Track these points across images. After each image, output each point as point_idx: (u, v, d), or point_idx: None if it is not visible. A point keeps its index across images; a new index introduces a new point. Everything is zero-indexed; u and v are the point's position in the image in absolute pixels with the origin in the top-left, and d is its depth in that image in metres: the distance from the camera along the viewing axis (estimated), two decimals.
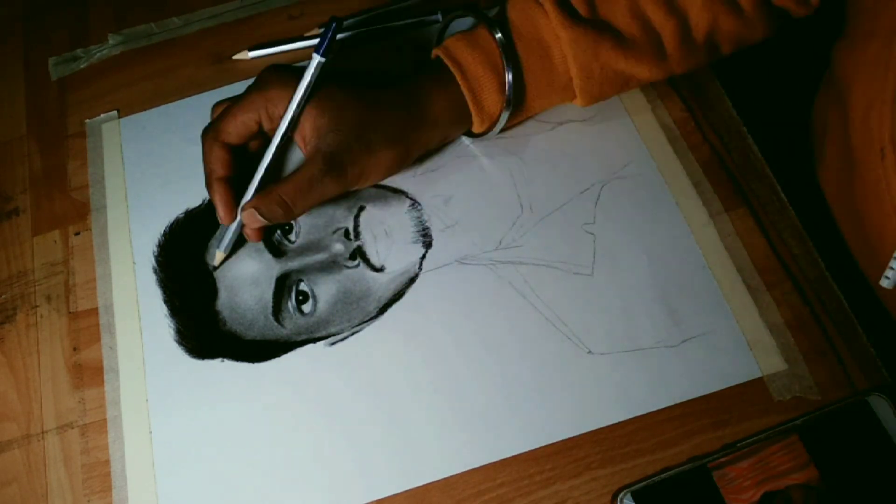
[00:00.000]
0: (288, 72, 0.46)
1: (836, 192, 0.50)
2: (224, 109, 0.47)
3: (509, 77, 0.45)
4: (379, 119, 0.45)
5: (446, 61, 0.46)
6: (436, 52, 0.48)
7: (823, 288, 0.45)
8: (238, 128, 0.46)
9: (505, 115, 0.47)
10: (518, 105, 0.48)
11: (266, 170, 0.47)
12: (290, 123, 0.45)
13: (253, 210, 0.45)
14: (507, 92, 0.46)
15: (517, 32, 0.46)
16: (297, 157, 0.51)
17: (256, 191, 0.47)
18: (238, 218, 0.47)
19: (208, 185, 0.47)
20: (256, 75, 0.47)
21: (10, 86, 0.61)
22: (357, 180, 0.46)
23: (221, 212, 0.47)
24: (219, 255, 0.49)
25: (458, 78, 0.46)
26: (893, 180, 0.42)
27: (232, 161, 0.47)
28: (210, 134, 0.47)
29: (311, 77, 0.44)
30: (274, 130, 0.47)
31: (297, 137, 0.47)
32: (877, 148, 0.43)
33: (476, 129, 0.49)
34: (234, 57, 0.57)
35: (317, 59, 0.44)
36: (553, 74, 0.47)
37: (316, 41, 0.49)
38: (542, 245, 0.48)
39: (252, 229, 0.47)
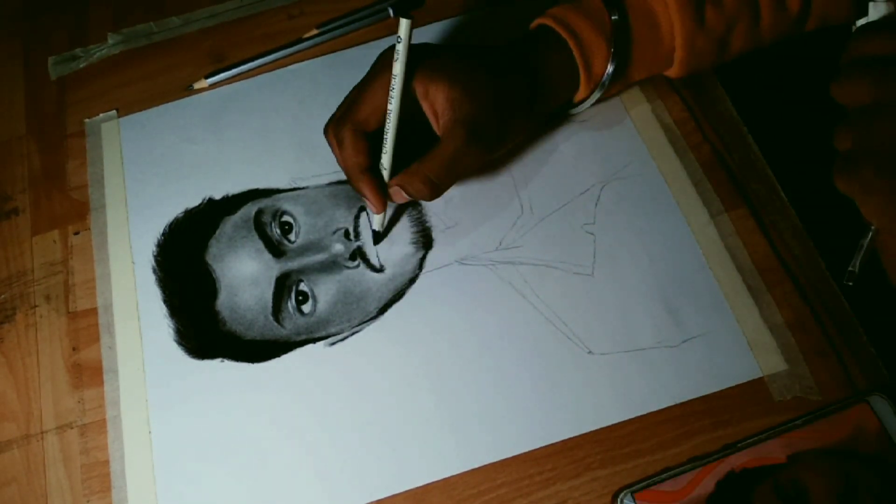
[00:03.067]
0: (413, 48, 0.45)
1: None
2: (349, 99, 0.46)
3: (614, 17, 0.45)
4: (509, 84, 0.45)
5: (557, 28, 0.46)
6: (540, 20, 0.47)
7: (824, 288, 0.45)
8: (375, 112, 0.45)
9: (610, 70, 0.47)
10: (620, 74, 0.47)
11: (394, 144, 0.45)
12: (401, 89, 0.43)
13: (398, 188, 0.45)
14: (610, 62, 0.46)
15: (627, 1, 0.46)
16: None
17: (393, 167, 0.45)
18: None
19: (354, 180, 0.46)
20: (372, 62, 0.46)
21: (9, 85, 0.61)
22: (497, 148, 0.46)
23: (375, 203, 0.46)
24: (372, 250, 0.49)
25: (571, 43, 0.45)
26: None
27: (370, 151, 0.46)
28: (346, 126, 0.45)
29: (407, 39, 0.42)
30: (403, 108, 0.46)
31: (428, 111, 0.45)
32: None
33: (582, 93, 0.48)
34: (195, 86, 0.57)
35: (405, 22, 0.42)
36: (658, 45, 0.46)
37: (270, 57, 0.54)
38: (542, 245, 0.48)
39: (398, 202, 0.47)
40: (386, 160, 0.46)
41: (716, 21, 0.45)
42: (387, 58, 0.45)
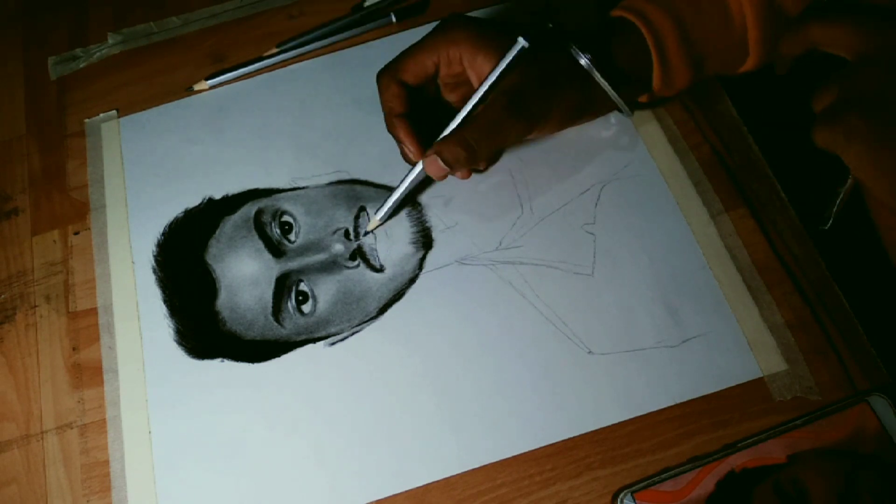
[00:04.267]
0: (471, 19, 0.46)
1: None
2: (404, 53, 0.47)
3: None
4: (558, 61, 0.45)
5: (628, 15, 0.45)
6: (615, 12, 0.46)
7: (824, 288, 0.45)
8: (416, 67, 0.46)
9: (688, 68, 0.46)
10: (697, 62, 0.46)
11: (464, 119, 0.45)
12: (486, 90, 0.44)
13: (435, 156, 0.45)
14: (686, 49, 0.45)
15: None
16: None
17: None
18: (403, 186, 0.47)
19: (389, 124, 0.47)
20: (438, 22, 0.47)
21: (9, 85, 0.61)
22: (539, 124, 0.45)
23: (411, 147, 0.46)
24: (374, 221, 0.49)
25: (642, 27, 0.45)
26: None
27: (409, 100, 0.46)
28: (387, 72, 0.46)
29: (510, 60, 0.44)
30: (451, 76, 0.47)
31: (474, 80, 0.45)
32: None
33: (655, 84, 0.47)
34: (195, 87, 0.57)
35: (521, 43, 0.43)
36: (730, 25, 0.45)
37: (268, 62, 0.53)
38: (542, 245, 0.48)
39: (439, 177, 0.47)
40: (445, 133, 0.46)
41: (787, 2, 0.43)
42: (448, 24, 0.46)
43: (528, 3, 0.57)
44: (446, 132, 0.46)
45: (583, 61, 0.44)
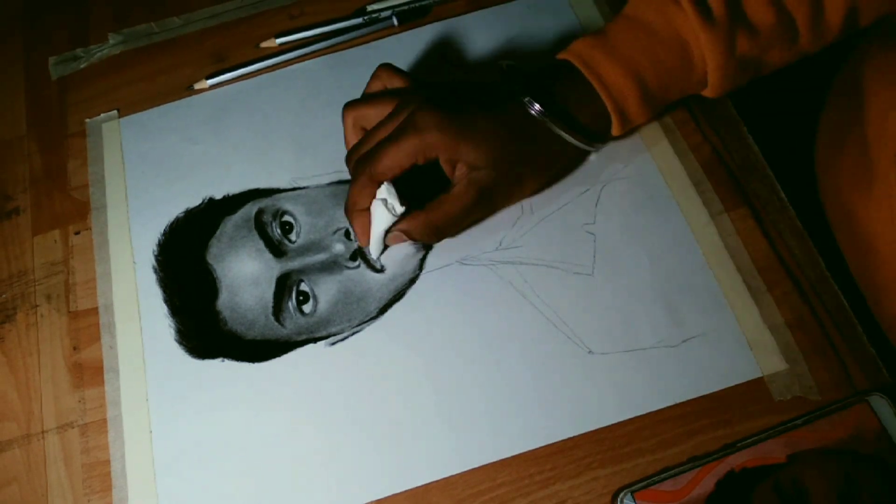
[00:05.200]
0: (439, 112, 0.44)
1: (838, 195, 0.50)
2: (381, 149, 0.44)
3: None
4: (530, 154, 0.46)
5: (585, 72, 0.45)
6: (565, 55, 0.47)
7: (824, 288, 0.45)
8: (395, 170, 0.45)
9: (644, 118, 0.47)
10: (657, 105, 0.47)
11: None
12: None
13: (400, 233, 0.46)
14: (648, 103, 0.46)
15: (654, 32, 0.45)
16: None
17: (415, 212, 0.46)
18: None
19: (350, 215, 0.47)
20: (402, 105, 0.46)
21: (10, 85, 0.61)
22: (502, 207, 0.49)
23: (362, 239, 0.47)
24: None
25: (601, 91, 0.45)
26: None
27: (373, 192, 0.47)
28: (366, 173, 0.45)
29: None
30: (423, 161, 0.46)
31: (446, 167, 0.46)
32: (891, 152, 0.43)
33: (615, 133, 0.48)
34: (195, 86, 0.57)
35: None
36: (692, 73, 0.46)
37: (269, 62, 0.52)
38: (542, 245, 0.48)
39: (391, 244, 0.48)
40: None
41: (749, 48, 0.45)
42: (418, 126, 0.44)
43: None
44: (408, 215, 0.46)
45: (534, 111, 0.45)
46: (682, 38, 0.45)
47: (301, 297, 0.48)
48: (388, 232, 0.46)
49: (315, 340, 0.47)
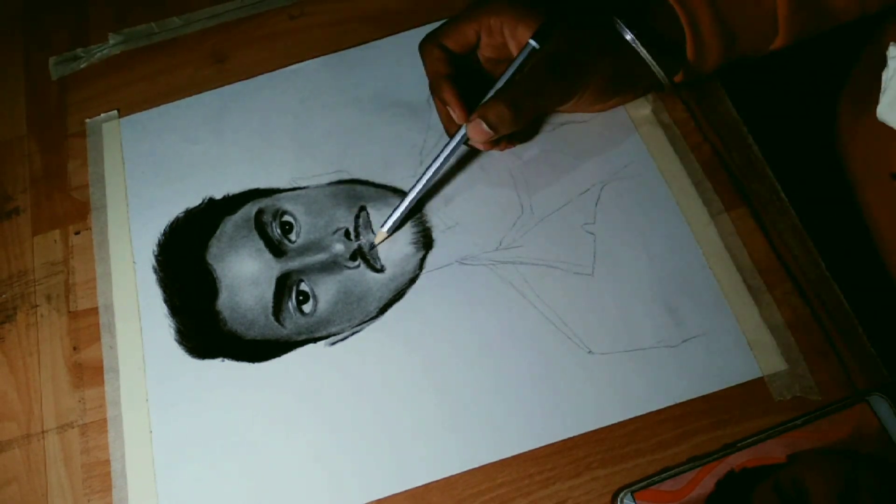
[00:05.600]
0: None
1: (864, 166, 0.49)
2: (446, 22, 0.48)
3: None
4: (597, 36, 0.45)
5: None
6: None
7: (823, 288, 0.45)
8: (458, 35, 0.47)
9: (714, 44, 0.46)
10: (728, 38, 0.46)
11: (506, 82, 0.46)
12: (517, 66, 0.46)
13: (479, 120, 0.45)
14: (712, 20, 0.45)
15: None
16: None
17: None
18: (406, 201, 0.47)
19: (435, 87, 0.47)
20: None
21: (10, 86, 0.61)
22: (577, 87, 0.46)
23: (456, 109, 0.46)
24: (380, 235, 0.49)
25: (677, 7, 0.45)
26: None
27: (451, 64, 0.47)
28: (429, 39, 0.48)
29: (521, 60, 0.45)
30: (492, 46, 0.47)
31: (514, 47, 0.46)
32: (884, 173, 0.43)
33: (690, 55, 0.47)
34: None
35: (531, 45, 0.45)
36: (759, 5, 0.45)
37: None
38: (542, 245, 0.48)
39: (482, 142, 0.47)
40: (492, 91, 0.46)
41: None
42: (488, 2, 0.46)
43: None
44: (488, 97, 0.46)
45: (628, 36, 0.45)
46: None
47: (301, 297, 0.48)
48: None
49: (315, 340, 0.47)
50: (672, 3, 0.45)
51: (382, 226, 0.49)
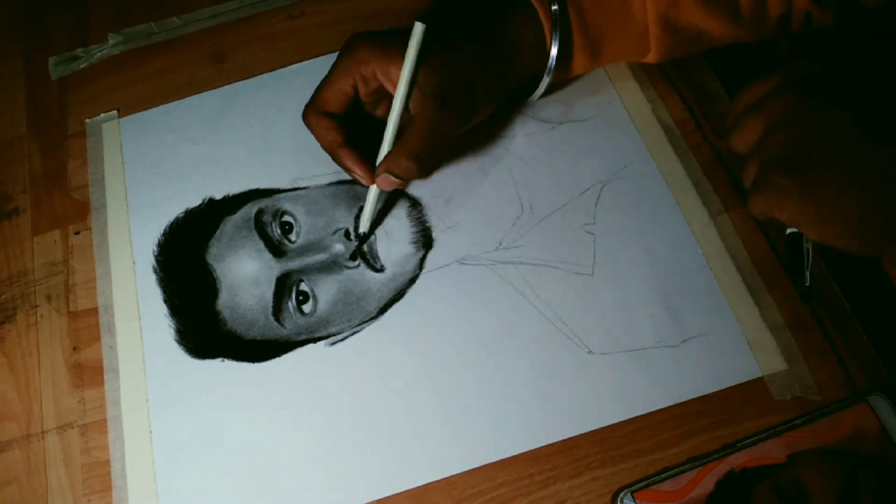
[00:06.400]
0: (372, 33, 0.46)
1: None
2: (319, 85, 0.47)
3: (555, 7, 0.45)
4: (472, 51, 0.45)
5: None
6: None
7: (823, 288, 0.45)
8: (336, 95, 0.46)
9: (554, 49, 0.46)
10: (594, 49, 0.47)
11: (395, 129, 0.46)
12: (406, 86, 0.45)
13: (386, 174, 0.45)
14: (553, 22, 0.45)
15: None
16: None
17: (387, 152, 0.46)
18: (373, 193, 0.47)
19: (334, 156, 0.47)
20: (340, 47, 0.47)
21: (10, 86, 0.61)
22: (468, 114, 0.46)
23: (359, 172, 0.47)
24: (363, 224, 0.49)
25: (543, 16, 0.45)
26: None
27: (342, 128, 0.47)
28: (311, 109, 0.47)
29: (418, 44, 0.44)
30: (371, 94, 0.47)
31: (391, 88, 0.46)
32: None
33: (550, 50, 0.47)
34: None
35: (420, 26, 0.44)
36: (629, 19, 0.46)
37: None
38: (542, 245, 0.48)
39: (392, 188, 0.47)
40: (383, 152, 0.46)
41: (691, 8, 0.45)
42: (351, 45, 0.46)
43: None
44: (385, 146, 0.46)
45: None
46: None
47: (301, 297, 0.48)
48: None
49: (315, 340, 0.47)
50: (539, 12, 0.45)
51: (360, 226, 0.49)
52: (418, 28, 0.44)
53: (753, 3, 0.46)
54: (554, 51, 0.47)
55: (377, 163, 0.47)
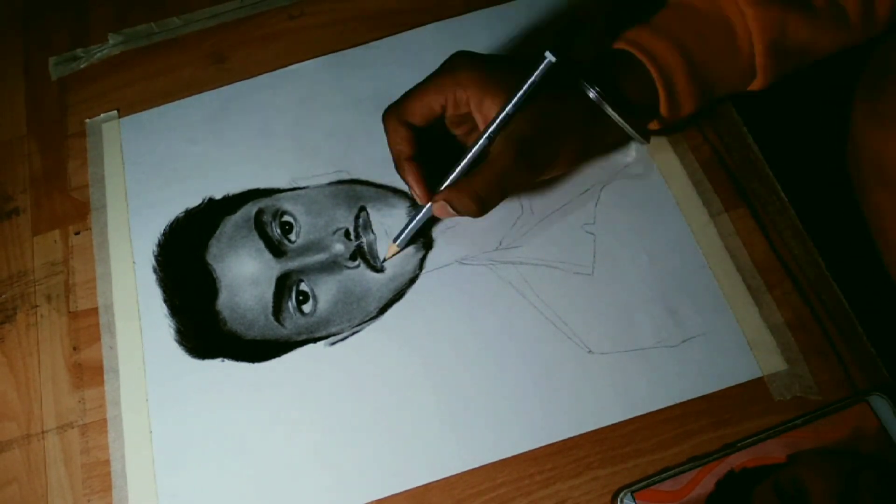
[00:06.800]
0: (478, 57, 0.45)
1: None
2: (409, 90, 0.46)
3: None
4: (566, 105, 0.44)
5: (633, 51, 0.44)
6: (617, 44, 0.46)
7: (823, 288, 0.45)
8: (423, 109, 0.45)
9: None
10: (704, 91, 0.45)
11: (470, 162, 0.45)
12: (504, 118, 0.43)
13: (444, 203, 0.44)
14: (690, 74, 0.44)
15: (698, 11, 0.44)
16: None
17: (453, 181, 0.45)
18: (420, 214, 0.47)
19: (398, 167, 0.46)
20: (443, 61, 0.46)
21: (10, 86, 0.61)
22: (547, 169, 0.45)
23: (418, 191, 0.46)
24: (392, 249, 0.48)
25: (648, 64, 0.44)
26: None
27: (416, 141, 0.46)
28: (393, 114, 0.46)
29: (538, 76, 0.43)
30: (457, 116, 0.46)
31: (480, 123, 0.45)
32: None
33: (663, 111, 0.46)
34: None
35: (549, 58, 0.42)
36: (737, 54, 0.44)
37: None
38: (542, 245, 0.48)
39: (445, 217, 0.47)
40: (454, 174, 0.45)
41: (797, 27, 0.43)
42: (455, 63, 0.45)
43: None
44: (453, 175, 0.45)
45: (592, 94, 0.44)
46: (727, 16, 0.44)
47: (301, 297, 0.48)
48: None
49: (315, 340, 0.47)
50: (644, 62, 0.44)
51: (395, 239, 0.48)
52: (546, 59, 0.42)
53: (861, 6, 0.44)
54: (664, 109, 0.45)
55: (441, 187, 0.45)
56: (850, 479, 0.39)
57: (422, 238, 0.49)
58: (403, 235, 0.47)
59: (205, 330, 0.48)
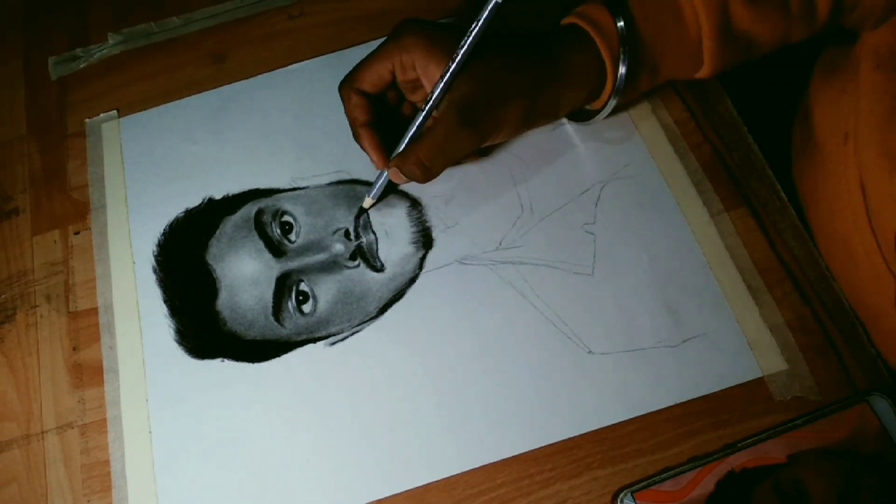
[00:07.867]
0: (424, 23, 0.46)
1: (804, 182, 0.51)
2: (360, 62, 0.47)
3: (621, 23, 0.44)
4: (511, 68, 0.44)
5: (582, 23, 0.45)
6: (568, 19, 0.46)
7: (823, 288, 0.45)
8: (372, 76, 0.46)
9: (623, 70, 0.45)
10: (653, 67, 0.46)
11: (420, 126, 0.45)
12: (451, 76, 0.43)
13: (395, 169, 0.45)
14: (620, 42, 0.44)
15: None
16: None
17: (404, 146, 0.46)
18: (382, 178, 0.48)
19: (355, 134, 0.48)
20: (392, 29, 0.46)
21: (10, 85, 0.61)
22: (490, 133, 0.45)
23: (374, 156, 0.47)
24: (368, 201, 0.49)
25: (595, 37, 0.44)
26: (852, 165, 0.43)
27: (371, 108, 0.47)
28: (346, 83, 0.47)
29: (484, 21, 0.42)
30: (408, 81, 0.47)
31: (426, 84, 0.45)
32: (841, 133, 0.44)
33: (608, 91, 0.46)
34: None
35: (493, 2, 0.42)
36: (684, 36, 0.45)
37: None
38: (542, 245, 0.48)
39: (401, 183, 0.48)
40: (405, 140, 0.46)
41: (742, 15, 0.44)
42: (400, 29, 0.46)
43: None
44: (403, 142, 0.46)
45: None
46: (677, 2, 0.44)
47: (301, 297, 0.48)
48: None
49: (315, 340, 0.47)
50: (592, 34, 0.44)
51: (369, 193, 0.49)
52: (492, 2, 0.42)
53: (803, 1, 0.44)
54: (622, 69, 0.45)
55: (393, 154, 0.46)
56: (850, 480, 0.39)
57: (422, 237, 0.49)
58: (375, 190, 0.48)
59: (205, 330, 0.48)
